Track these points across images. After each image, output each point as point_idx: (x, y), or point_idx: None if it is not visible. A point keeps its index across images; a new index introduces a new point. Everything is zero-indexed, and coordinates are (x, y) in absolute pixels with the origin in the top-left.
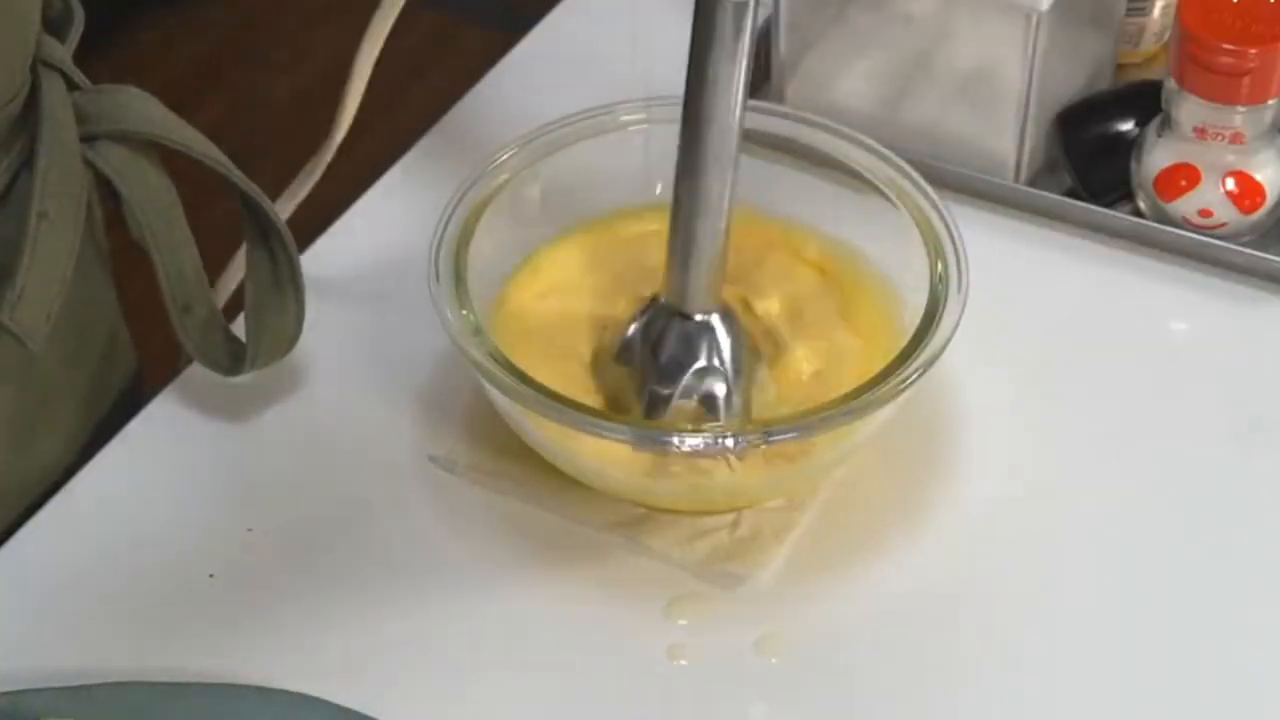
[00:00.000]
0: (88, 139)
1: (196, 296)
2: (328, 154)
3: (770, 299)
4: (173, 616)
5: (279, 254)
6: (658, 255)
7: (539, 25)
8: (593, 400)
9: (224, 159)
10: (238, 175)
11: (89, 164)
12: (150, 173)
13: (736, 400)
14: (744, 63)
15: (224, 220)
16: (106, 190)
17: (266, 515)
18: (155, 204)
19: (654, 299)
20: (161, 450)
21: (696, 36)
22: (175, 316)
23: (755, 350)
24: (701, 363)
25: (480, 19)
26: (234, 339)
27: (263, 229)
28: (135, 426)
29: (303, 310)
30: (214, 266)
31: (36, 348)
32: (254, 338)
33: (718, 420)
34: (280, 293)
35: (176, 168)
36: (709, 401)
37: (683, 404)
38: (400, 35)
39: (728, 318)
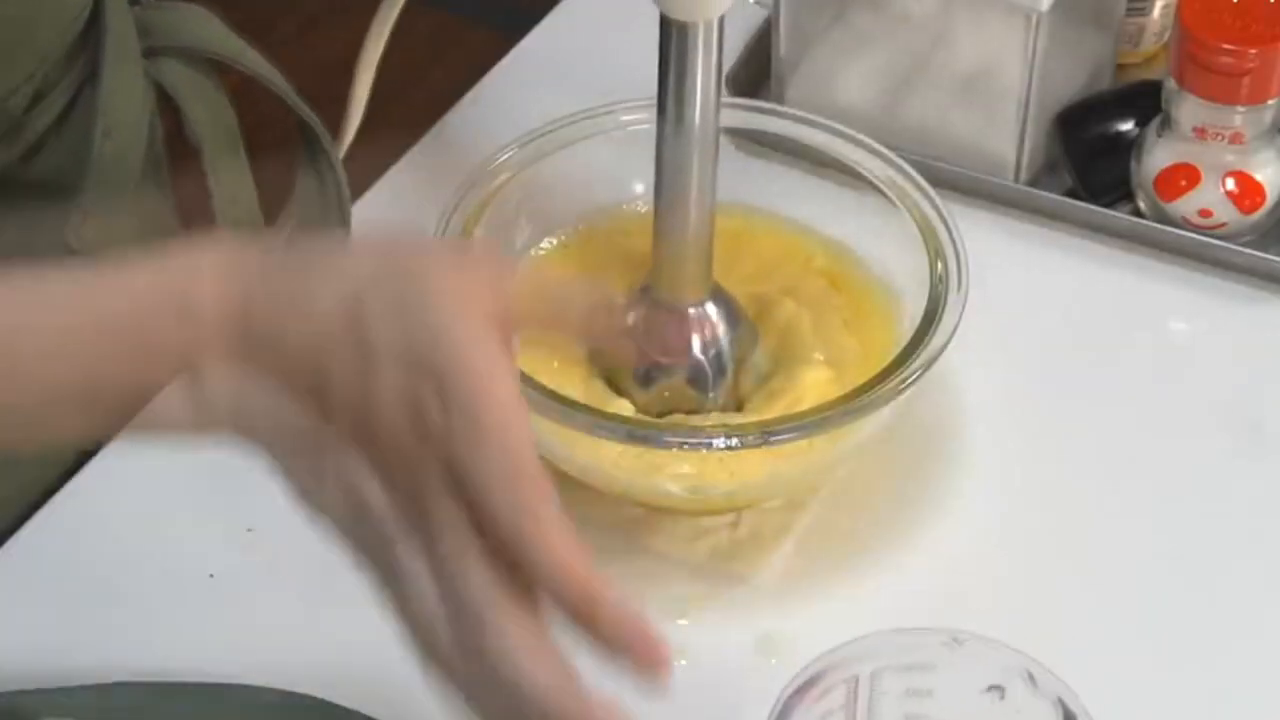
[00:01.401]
0: (150, 54)
1: (248, 219)
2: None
3: (783, 305)
4: (173, 616)
5: (328, 182)
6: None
7: (539, 25)
8: (596, 391)
9: (283, 83)
10: (295, 100)
11: (151, 80)
12: (211, 92)
13: (724, 385)
14: (715, 63)
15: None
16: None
17: (266, 515)
18: (214, 124)
19: (645, 289)
20: (161, 450)
21: (662, 45)
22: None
23: (750, 332)
24: (693, 353)
25: (480, 19)
26: None
27: (314, 157)
28: (135, 426)
29: (349, 238)
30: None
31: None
32: None
33: (705, 403)
34: (326, 220)
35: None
36: (698, 384)
37: (674, 384)
38: (400, 35)
39: (719, 301)
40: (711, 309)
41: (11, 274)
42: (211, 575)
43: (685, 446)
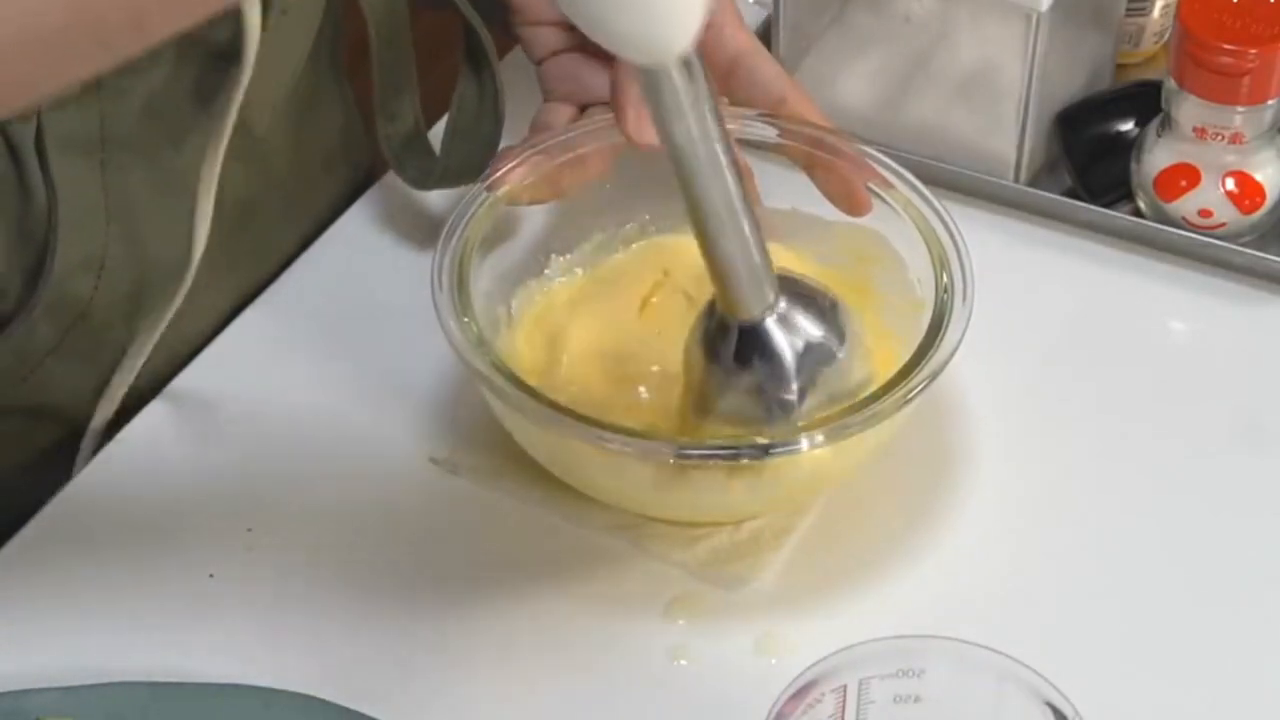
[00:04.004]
0: None
1: (404, 108)
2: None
3: None
4: (173, 616)
5: (487, 85)
6: (668, 256)
7: None
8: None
9: None
10: (465, 4)
11: None
12: None
13: (798, 400)
14: (708, 101)
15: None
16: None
17: (266, 515)
18: (386, 10)
19: (711, 306)
20: (162, 450)
21: (649, 101)
22: (380, 124)
23: (823, 344)
24: (756, 367)
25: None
26: (430, 155)
27: (477, 59)
28: (135, 426)
29: (497, 144)
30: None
31: (259, 132)
32: (445, 158)
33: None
34: (480, 122)
35: None
36: (765, 401)
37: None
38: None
39: (788, 312)
40: (773, 324)
41: None
42: (211, 575)
43: (684, 459)
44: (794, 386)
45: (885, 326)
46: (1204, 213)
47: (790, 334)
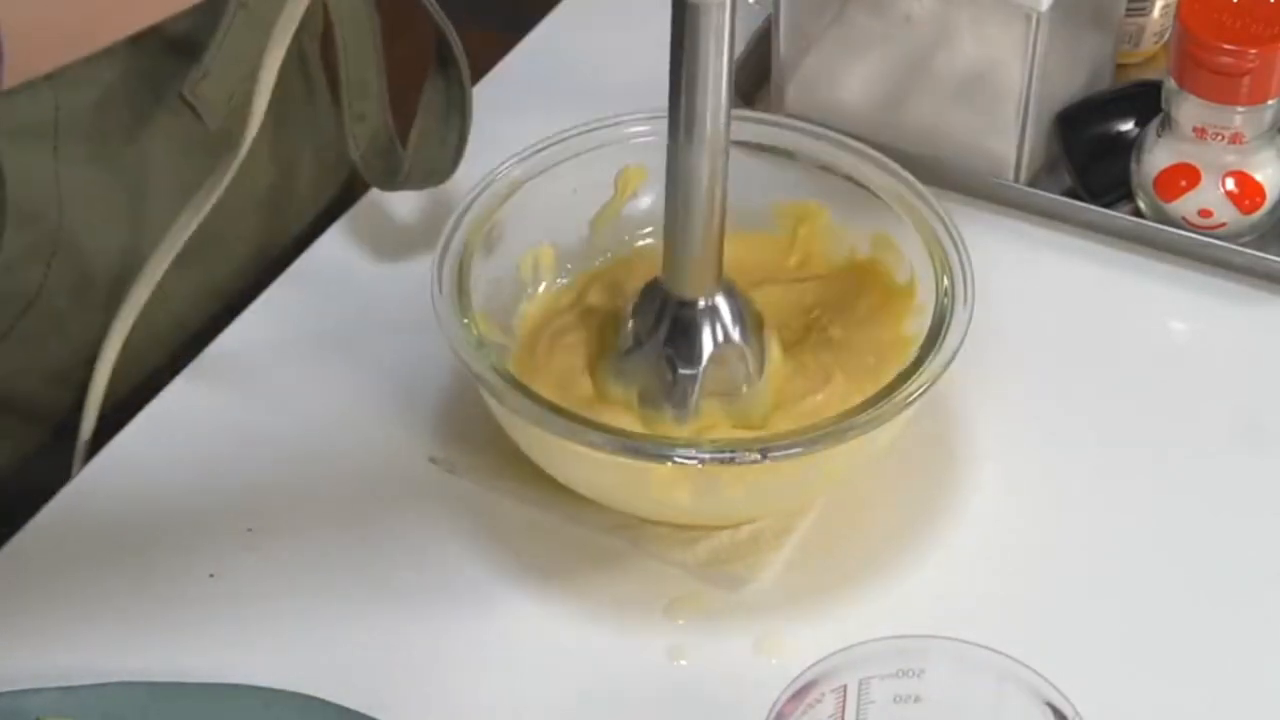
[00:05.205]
0: None
1: (372, 110)
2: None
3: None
4: (173, 616)
5: (454, 87)
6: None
7: (539, 26)
8: (605, 400)
9: None
10: (432, 4)
11: None
12: None
13: (755, 374)
14: (726, 55)
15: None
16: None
17: (266, 515)
18: (353, 10)
19: (650, 286)
20: (161, 450)
21: (675, 37)
22: (348, 124)
23: (759, 325)
24: (711, 348)
25: (480, 19)
26: (396, 155)
27: (444, 60)
28: (135, 426)
29: (464, 146)
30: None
31: (214, 125)
32: (412, 159)
33: (740, 396)
34: (446, 123)
35: None
36: (733, 380)
37: (710, 394)
38: (401, 34)
39: (730, 297)
40: (722, 301)
41: None
42: (211, 575)
43: (681, 461)
44: (697, 371)
45: (884, 329)
46: (1204, 213)
47: (713, 326)
